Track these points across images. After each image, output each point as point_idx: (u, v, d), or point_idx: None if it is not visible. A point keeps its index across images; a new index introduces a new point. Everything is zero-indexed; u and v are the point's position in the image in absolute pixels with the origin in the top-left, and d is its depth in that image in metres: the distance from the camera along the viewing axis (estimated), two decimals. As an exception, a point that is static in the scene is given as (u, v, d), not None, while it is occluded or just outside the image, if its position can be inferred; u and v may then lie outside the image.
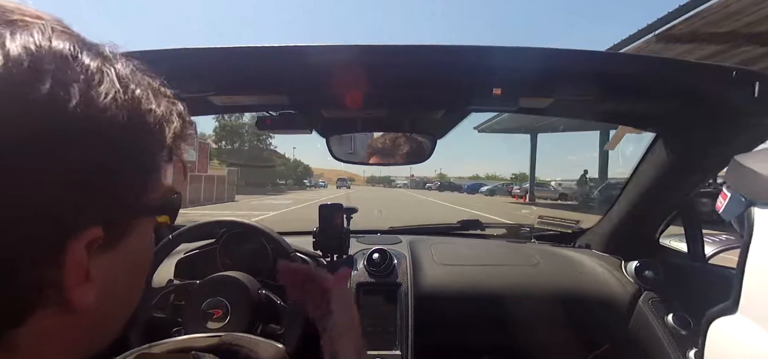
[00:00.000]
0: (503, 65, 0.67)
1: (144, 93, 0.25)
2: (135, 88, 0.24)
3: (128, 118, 0.23)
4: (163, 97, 0.27)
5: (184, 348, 0.35)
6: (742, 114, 0.74)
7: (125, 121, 0.22)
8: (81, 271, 0.22)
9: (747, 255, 0.50)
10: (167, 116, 0.26)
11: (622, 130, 1.10)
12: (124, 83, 0.23)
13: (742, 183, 0.54)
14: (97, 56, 0.23)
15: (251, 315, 0.86)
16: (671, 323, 0.91)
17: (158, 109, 0.26)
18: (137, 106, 0.24)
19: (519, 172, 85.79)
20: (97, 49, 0.24)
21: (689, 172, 0.95)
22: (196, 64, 0.65)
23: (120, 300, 0.27)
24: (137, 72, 0.26)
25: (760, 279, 0.50)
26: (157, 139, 0.25)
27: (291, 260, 0.92)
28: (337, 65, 0.67)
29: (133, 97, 0.24)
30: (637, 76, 0.70)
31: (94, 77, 0.22)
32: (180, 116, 0.28)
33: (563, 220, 1.49)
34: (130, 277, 0.28)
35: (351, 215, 1.22)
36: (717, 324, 0.55)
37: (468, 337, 1.12)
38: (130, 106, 0.23)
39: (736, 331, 0.52)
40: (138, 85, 0.25)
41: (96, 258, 0.23)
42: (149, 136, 0.25)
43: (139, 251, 0.28)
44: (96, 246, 0.22)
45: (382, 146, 1.12)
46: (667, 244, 1.13)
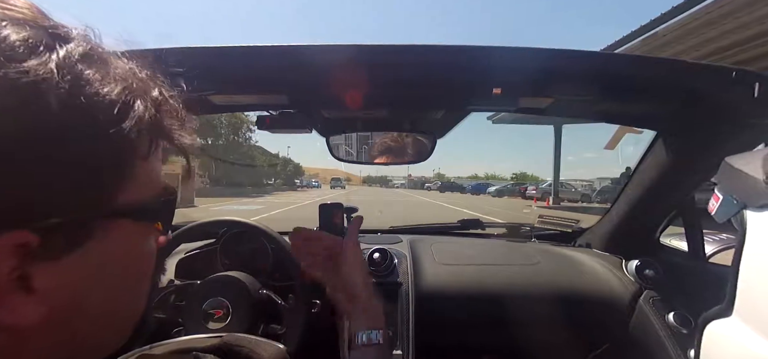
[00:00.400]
0: (503, 65, 0.67)
1: (93, 75, 0.21)
2: (82, 69, 0.21)
3: (61, 106, 0.19)
4: (128, 80, 0.23)
5: (185, 348, 0.35)
6: (742, 114, 0.73)
7: (57, 110, 0.19)
8: (15, 280, 0.19)
9: (740, 258, 0.50)
10: (125, 103, 0.22)
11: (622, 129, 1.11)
12: (68, 64, 0.20)
13: (734, 186, 0.53)
14: (45, 30, 0.20)
15: (252, 315, 0.86)
16: (672, 322, 0.91)
17: (110, 95, 0.21)
18: (77, 92, 0.20)
19: (519, 172, 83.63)
20: (53, 24, 0.21)
21: (689, 171, 0.95)
22: (195, 63, 0.65)
23: (109, 310, 0.25)
24: (98, 52, 0.23)
25: (754, 282, 0.49)
26: (106, 131, 0.21)
27: (291, 260, 0.92)
28: (337, 65, 0.67)
29: (75, 81, 0.20)
30: (637, 76, 0.70)
31: (16, 51, 0.19)
32: (155, 102, 0.24)
33: (563, 220, 1.49)
34: (118, 285, 0.25)
35: (351, 215, 1.22)
36: (712, 327, 0.55)
37: (468, 337, 1.12)
38: (67, 92, 0.20)
39: (731, 334, 0.51)
40: (89, 66, 0.21)
41: (38, 267, 0.20)
42: (94, 128, 0.21)
43: (125, 257, 0.25)
44: (33, 254, 0.19)
45: (381, 146, 1.12)
46: (668, 243, 1.13)
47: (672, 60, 0.68)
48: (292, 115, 0.92)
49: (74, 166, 0.20)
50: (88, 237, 0.22)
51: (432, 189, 47.83)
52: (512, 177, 77.45)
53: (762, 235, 0.48)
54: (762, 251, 0.48)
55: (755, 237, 0.49)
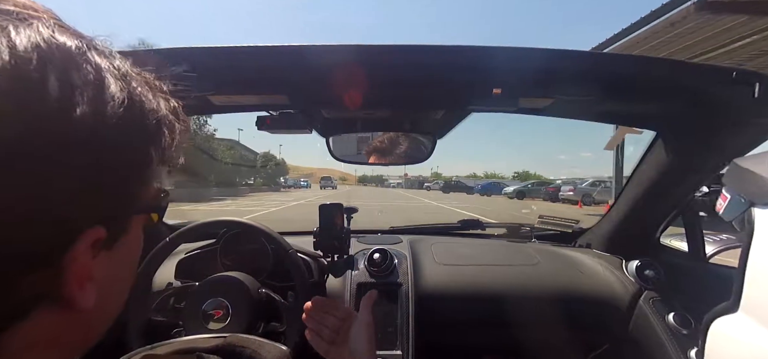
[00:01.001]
0: (503, 65, 0.67)
1: (144, 92, 0.24)
2: (136, 87, 0.24)
3: (131, 119, 0.22)
4: (161, 95, 0.26)
5: (188, 348, 0.35)
6: (742, 114, 0.74)
7: (129, 122, 0.22)
8: (85, 272, 0.21)
9: (748, 255, 0.51)
10: (166, 116, 0.26)
11: (622, 129, 1.11)
12: (127, 82, 0.23)
13: (742, 185, 0.55)
14: (100, 54, 0.22)
15: (252, 315, 0.86)
16: (672, 322, 0.91)
17: (159, 109, 0.25)
18: (140, 106, 0.23)
19: (521, 170, 77.51)
20: (98, 46, 0.23)
21: (689, 171, 0.95)
22: (195, 63, 0.65)
23: (116, 297, 0.28)
24: (134, 68, 0.25)
25: (762, 279, 0.50)
26: (157, 139, 0.25)
27: (291, 259, 0.92)
28: (337, 65, 0.67)
29: (136, 97, 0.23)
30: (637, 76, 0.70)
31: (101, 77, 0.21)
32: (176, 115, 0.27)
33: (564, 220, 1.49)
34: (126, 274, 0.28)
35: (351, 215, 1.22)
36: (718, 324, 0.56)
37: (468, 337, 1.12)
38: (133, 106, 0.23)
39: (738, 331, 0.52)
40: (139, 84, 0.24)
41: (97, 258, 0.22)
42: (150, 137, 0.24)
43: (135, 248, 0.28)
44: (99, 247, 0.22)
45: (381, 146, 1.12)
46: (668, 243, 1.13)
47: (672, 60, 0.68)
48: (292, 116, 0.92)
49: (132, 172, 0.24)
50: (125, 231, 0.25)
51: (432, 188, 44.47)
52: (514, 175, 72.92)
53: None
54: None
55: (763, 234, 0.50)
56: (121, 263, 0.26)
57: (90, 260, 0.22)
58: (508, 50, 0.64)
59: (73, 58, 0.20)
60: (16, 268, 0.19)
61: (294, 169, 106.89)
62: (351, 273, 1.05)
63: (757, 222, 0.51)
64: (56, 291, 0.21)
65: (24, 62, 0.18)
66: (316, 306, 0.64)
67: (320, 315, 0.64)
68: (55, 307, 0.21)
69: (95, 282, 0.22)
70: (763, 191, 0.51)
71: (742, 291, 0.52)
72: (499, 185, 30.25)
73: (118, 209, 0.23)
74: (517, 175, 72.00)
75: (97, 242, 0.22)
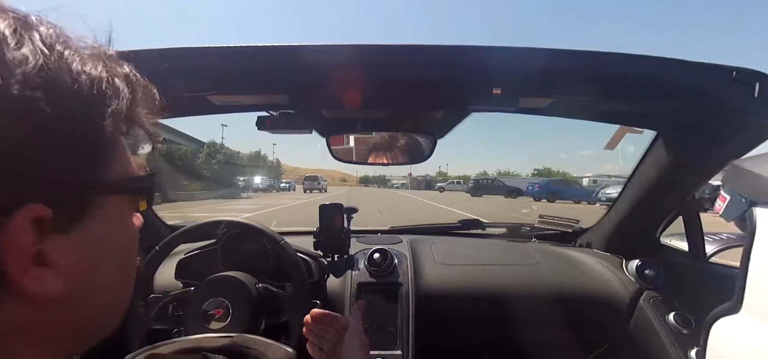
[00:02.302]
0: (503, 65, 0.67)
1: (73, 55, 0.22)
2: (62, 50, 0.22)
3: (55, 83, 0.20)
4: (102, 60, 0.24)
5: (194, 348, 0.35)
6: (742, 114, 0.73)
7: (52, 87, 0.20)
8: (26, 254, 0.20)
9: (750, 255, 0.51)
10: (109, 80, 0.24)
11: (622, 129, 1.11)
12: (48, 45, 0.21)
13: (743, 185, 0.56)
14: (14, 19, 0.21)
15: (253, 313, 0.86)
16: (672, 322, 0.91)
17: (94, 71, 0.23)
18: (66, 69, 0.21)
19: (542, 167, 62.63)
20: (15, 12, 0.22)
21: (689, 171, 0.95)
22: (195, 63, 0.65)
23: (107, 288, 0.26)
24: (65, 35, 0.23)
25: (764, 279, 0.50)
26: (98, 105, 0.23)
27: (291, 259, 0.92)
28: (338, 65, 0.67)
29: (61, 60, 0.21)
30: (637, 76, 0.70)
31: (9, 41, 0.20)
32: (127, 80, 0.25)
33: (564, 220, 1.49)
34: (113, 263, 0.26)
35: (352, 215, 1.22)
36: (720, 324, 0.56)
37: (468, 337, 1.12)
38: (58, 69, 0.21)
39: (740, 330, 0.52)
40: (66, 47, 0.22)
41: (53, 241, 0.21)
42: (86, 103, 0.22)
43: (117, 234, 0.26)
44: (48, 228, 0.21)
45: (381, 146, 1.12)
46: (668, 243, 1.13)
47: (672, 60, 0.68)
48: (292, 116, 0.92)
49: (73, 144, 0.22)
50: (87, 213, 0.23)
51: (447, 189, 35.06)
52: (534, 173, 59.45)
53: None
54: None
55: (764, 234, 0.50)
56: (95, 247, 0.24)
57: (33, 241, 0.20)
58: (508, 50, 0.64)
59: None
60: None
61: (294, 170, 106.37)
62: (351, 273, 1.05)
63: (759, 223, 0.51)
64: (4, 280, 0.20)
65: None
66: (316, 319, 0.65)
67: (321, 328, 0.64)
68: (13, 297, 0.20)
69: (56, 269, 0.21)
70: (763, 190, 0.52)
71: (744, 292, 0.52)
72: (572, 185, 21.29)
73: (61, 186, 0.21)
74: (537, 172, 58.06)
75: (40, 221, 0.20)
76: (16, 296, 0.20)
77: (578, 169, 58.01)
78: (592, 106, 0.87)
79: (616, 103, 0.87)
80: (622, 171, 4.02)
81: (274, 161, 51.12)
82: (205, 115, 0.93)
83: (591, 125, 1.00)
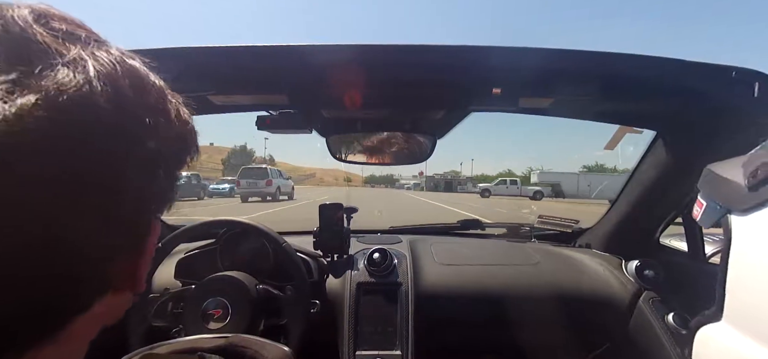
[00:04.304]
0: (503, 65, 0.67)
1: (180, 106, 0.27)
2: (175, 103, 0.26)
3: (181, 130, 0.26)
4: (186, 107, 0.28)
5: (190, 348, 0.35)
6: (742, 114, 0.74)
7: (179, 135, 0.25)
8: (149, 259, 0.25)
9: (727, 262, 0.50)
10: (194, 127, 0.28)
11: (622, 129, 1.11)
12: (176, 99, 0.26)
13: (717, 192, 0.54)
14: (154, 75, 0.25)
15: (252, 313, 0.86)
16: (671, 322, 0.91)
17: (190, 121, 0.28)
18: (181, 120, 0.26)
19: (593, 164, 47.74)
20: (147, 65, 0.25)
21: (689, 171, 0.95)
22: (195, 63, 0.65)
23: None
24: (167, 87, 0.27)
25: (741, 286, 0.49)
26: (191, 147, 0.28)
27: (292, 261, 0.92)
28: (338, 65, 0.67)
29: (179, 113, 0.26)
30: (637, 76, 0.70)
31: (164, 97, 0.25)
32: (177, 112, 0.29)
33: (563, 220, 1.49)
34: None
35: (351, 215, 1.23)
36: (704, 332, 0.55)
37: (468, 337, 1.12)
38: (180, 121, 0.26)
39: (721, 338, 0.51)
40: (174, 99, 0.27)
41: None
42: (189, 146, 0.27)
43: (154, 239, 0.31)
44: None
45: (380, 145, 1.12)
46: (668, 244, 1.13)
47: (672, 60, 0.68)
48: (292, 115, 0.92)
49: (176, 171, 0.27)
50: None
51: (491, 193, 27.25)
52: (583, 169, 44.41)
53: (747, 239, 0.48)
54: (748, 254, 0.48)
55: (740, 241, 0.49)
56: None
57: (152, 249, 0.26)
58: (508, 50, 0.64)
59: (146, 81, 0.23)
60: (115, 253, 0.22)
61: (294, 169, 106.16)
62: (351, 273, 1.05)
63: (734, 230, 0.50)
64: (132, 275, 0.24)
65: (121, 86, 0.21)
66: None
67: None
68: (114, 293, 0.24)
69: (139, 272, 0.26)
70: (738, 198, 0.49)
71: (724, 300, 0.51)
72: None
73: (165, 206, 0.27)
74: (587, 168, 44.93)
75: (155, 233, 0.26)
76: (124, 291, 0.24)
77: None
78: (592, 106, 0.87)
79: (616, 103, 0.87)
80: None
81: (266, 158, 47.11)
82: (204, 115, 0.93)
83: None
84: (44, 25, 0.20)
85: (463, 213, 11.00)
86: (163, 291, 0.90)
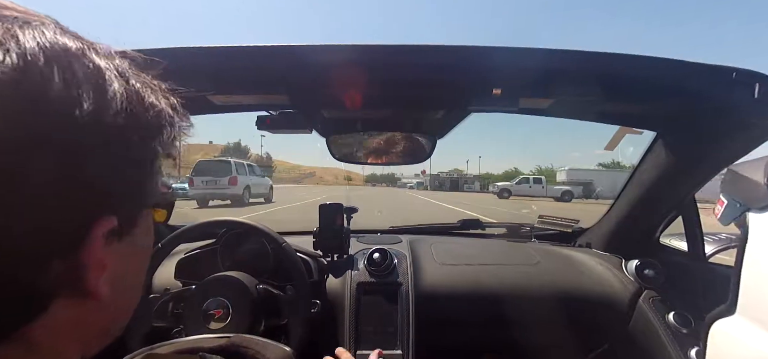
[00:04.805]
0: (503, 65, 0.67)
1: (144, 89, 0.25)
2: (136, 84, 0.25)
3: (133, 115, 0.23)
4: (160, 92, 0.27)
5: (191, 348, 0.35)
6: (742, 114, 0.74)
7: (130, 117, 0.23)
8: (99, 261, 0.23)
9: (743, 258, 0.52)
10: (166, 112, 0.27)
11: (622, 130, 1.11)
12: (126, 80, 0.24)
13: (738, 191, 0.57)
14: (100, 55, 0.23)
15: (253, 313, 0.86)
16: (672, 322, 0.91)
17: (159, 105, 0.26)
18: (140, 102, 0.24)
19: (611, 162, 38.85)
20: (98, 48, 0.24)
21: (689, 172, 0.95)
22: (195, 63, 0.65)
23: (130, 290, 0.28)
24: (133, 68, 0.26)
25: (756, 281, 0.51)
26: (159, 134, 0.26)
27: (292, 261, 0.92)
28: (338, 65, 0.67)
29: (136, 94, 0.24)
30: (637, 76, 0.70)
31: (102, 76, 0.22)
32: (175, 110, 0.28)
33: (564, 219, 1.50)
34: (138, 268, 0.29)
35: (351, 215, 1.23)
36: (717, 326, 0.56)
37: (468, 336, 1.12)
38: (134, 102, 0.24)
39: (736, 332, 0.53)
40: (138, 81, 0.25)
41: (109, 248, 0.23)
42: (152, 131, 0.25)
43: (146, 241, 0.29)
44: (111, 237, 0.23)
45: (380, 145, 1.12)
46: (668, 243, 1.13)
47: (672, 60, 0.68)
48: (292, 116, 0.92)
49: (142, 166, 0.25)
50: (136, 223, 0.26)
51: (512, 194, 23.09)
52: (600, 166, 38.41)
53: (763, 236, 0.51)
54: (763, 250, 0.50)
55: (757, 238, 0.51)
56: (132, 256, 0.27)
57: (103, 249, 0.23)
58: (508, 50, 0.64)
59: (76, 57, 0.21)
60: (40, 257, 0.20)
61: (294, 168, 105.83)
62: (351, 273, 1.05)
63: (751, 227, 0.52)
64: (75, 281, 0.22)
65: (34, 62, 0.19)
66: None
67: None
68: (73, 297, 0.22)
69: (108, 272, 0.24)
70: (756, 196, 0.53)
71: (738, 294, 0.53)
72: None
73: (126, 200, 0.24)
74: (604, 166, 38.63)
75: (110, 232, 0.23)
76: (80, 298, 0.23)
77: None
78: (592, 106, 0.87)
79: (616, 103, 0.87)
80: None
81: (263, 156, 45.24)
82: (204, 115, 0.93)
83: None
84: None
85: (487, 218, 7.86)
86: (164, 291, 0.90)
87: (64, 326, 0.23)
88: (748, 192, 0.54)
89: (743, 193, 0.56)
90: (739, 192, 0.57)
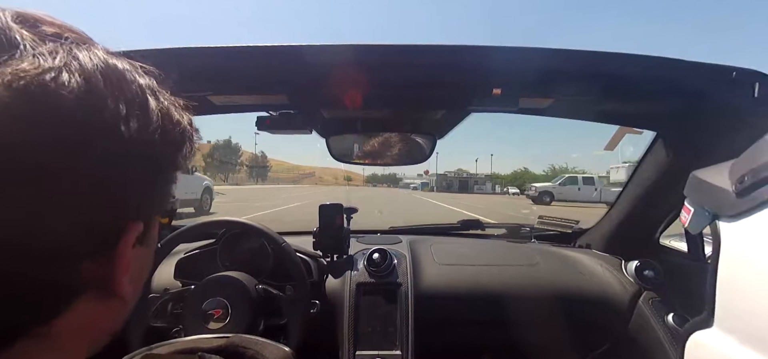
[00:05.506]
0: (503, 65, 0.67)
1: (171, 107, 0.27)
2: (164, 102, 0.27)
3: (165, 131, 0.25)
4: (181, 108, 0.29)
5: (190, 348, 0.35)
6: (742, 114, 0.74)
7: (163, 134, 0.25)
8: (127, 263, 0.24)
9: (717, 269, 0.50)
10: (187, 128, 0.28)
11: (622, 130, 1.11)
12: (158, 99, 0.26)
13: (705, 198, 0.54)
14: (140, 75, 0.25)
15: (252, 313, 0.86)
16: (671, 323, 0.91)
17: (182, 121, 0.28)
18: (170, 119, 0.26)
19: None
20: (138, 68, 0.26)
21: (689, 172, 0.95)
22: (195, 63, 0.65)
23: (138, 289, 0.30)
24: (156, 83, 0.27)
25: (731, 291, 0.49)
26: (182, 148, 0.28)
27: (292, 261, 0.92)
28: (337, 65, 0.67)
29: (166, 111, 0.26)
30: (637, 76, 0.70)
31: (144, 95, 0.24)
32: (191, 125, 0.30)
33: (563, 220, 1.49)
34: (147, 268, 0.31)
35: (351, 215, 1.23)
36: (695, 338, 0.54)
37: (468, 337, 1.12)
38: (165, 119, 0.26)
39: (713, 344, 0.51)
40: (166, 100, 0.27)
41: (133, 251, 0.25)
42: (177, 145, 0.27)
43: (154, 245, 0.31)
44: (138, 241, 0.25)
45: (380, 145, 1.12)
46: (668, 244, 1.13)
47: (672, 60, 0.68)
48: (292, 116, 0.92)
49: (166, 176, 0.27)
50: (151, 227, 0.28)
51: (555, 198, 17.95)
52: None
53: (736, 245, 0.48)
54: (736, 260, 0.48)
55: (729, 247, 0.49)
56: (146, 257, 0.29)
57: (131, 252, 0.25)
58: (508, 50, 0.64)
59: (124, 78, 0.23)
60: (77, 256, 0.21)
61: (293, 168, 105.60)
62: (350, 273, 1.05)
63: (723, 237, 0.49)
64: (104, 280, 0.24)
65: (95, 83, 0.21)
66: None
67: None
68: (97, 296, 0.24)
69: (131, 274, 0.25)
70: (726, 204, 0.49)
71: (714, 306, 0.50)
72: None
73: (152, 208, 0.27)
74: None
75: (138, 236, 0.25)
76: (105, 296, 0.24)
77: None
78: (592, 106, 0.87)
79: (616, 103, 0.87)
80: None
81: (258, 155, 42.74)
82: (205, 116, 0.93)
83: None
84: (23, 23, 0.21)
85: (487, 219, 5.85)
86: (163, 291, 0.90)
87: (83, 323, 0.24)
88: (716, 200, 0.51)
89: (710, 201, 0.52)
90: (706, 200, 0.53)
